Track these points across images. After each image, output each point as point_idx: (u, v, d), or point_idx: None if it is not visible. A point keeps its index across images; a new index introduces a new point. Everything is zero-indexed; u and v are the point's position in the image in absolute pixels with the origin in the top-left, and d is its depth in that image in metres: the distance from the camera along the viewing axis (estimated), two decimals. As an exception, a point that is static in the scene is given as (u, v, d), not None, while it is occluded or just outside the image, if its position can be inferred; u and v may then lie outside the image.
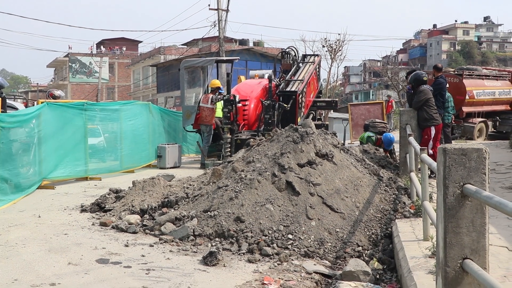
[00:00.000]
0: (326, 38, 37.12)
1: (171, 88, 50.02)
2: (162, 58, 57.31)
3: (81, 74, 75.31)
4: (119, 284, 5.18)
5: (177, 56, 52.63)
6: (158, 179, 9.33)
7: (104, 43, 79.68)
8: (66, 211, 8.85)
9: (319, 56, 20.49)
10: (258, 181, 7.49)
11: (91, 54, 76.65)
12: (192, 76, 17.57)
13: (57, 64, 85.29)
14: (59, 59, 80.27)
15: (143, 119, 15.91)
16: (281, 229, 6.77)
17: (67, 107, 12.51)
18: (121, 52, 79.10)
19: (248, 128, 15.99)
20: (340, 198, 7.49)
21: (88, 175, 12.87)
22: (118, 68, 77.35)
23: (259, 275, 5.59)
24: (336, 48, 36.99)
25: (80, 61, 75.55)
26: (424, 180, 6.05)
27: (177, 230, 7.01)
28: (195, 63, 17.42)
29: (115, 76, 77.52)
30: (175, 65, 44.97)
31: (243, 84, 17.80)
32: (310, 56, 20.15)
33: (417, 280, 4.54)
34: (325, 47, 37.01)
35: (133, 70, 70.53)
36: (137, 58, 69.45)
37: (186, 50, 54.47)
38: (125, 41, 78.47)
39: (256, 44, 53.57)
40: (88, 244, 6.67)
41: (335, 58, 37.28)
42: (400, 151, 10.10)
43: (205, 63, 17.19)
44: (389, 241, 6.72)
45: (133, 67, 69.78)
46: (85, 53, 76.89)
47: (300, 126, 8.82)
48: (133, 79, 70.49)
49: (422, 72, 11.10)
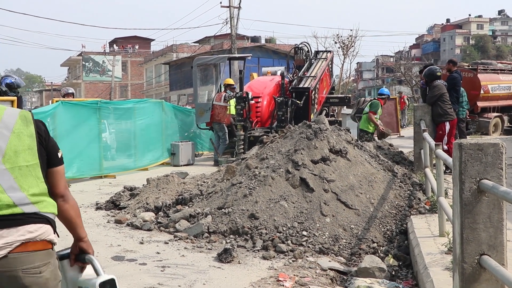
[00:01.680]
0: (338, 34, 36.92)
1: (183, 86, 50.16)
2: (174, 56, 57.51)
3: (94, 73, 75.66)
4: (134, 281, 5.21)
5: (189, 54, 52.78)
6: (172, 177, 9.36)
7: (117, 42, 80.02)
8: (81, 209, 8.85)
9: (331, 52, 20.39)
10: (272, 178, 7.49)
11: (104, 52, 77.00)
12: (204, 73, 17.57)
13: (71, 63, 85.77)
14: (72, 58, 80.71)
15: (156, 117, 15.95)
16: (296, 226, 6.77)
17: (81, 106, 12.58)
18: (134, 51, 79.39)
19: (261, 125, 15.97)
20: (355, 195, 7.47)
21: (103, 173, 12.93)
22: (131, 66, 77.64)
23: (274, 272, 5.59)
24: (349, 44, 36.79)
25: (93, 60, 75.90)
26: (440, 175, 6.01)
27: (191, 227, 7.03)
28: (208, 61, 17.42)
29: (128, 74, 77.81)
30: (187, 63, 45.09)
31: (255, 81, 17.78)
32: (322, 52, 20.05)
33: (433, 276, 4.52)
34: (338, 43, 36.81)
35: (146, 68, 70.82)
36: (150, 56, 69.71)
37: (198, 47, 54.55)
38: (137, 40, 78.73)
39: (268, 41, 53.52)
40: (104, 242, 6.71)
41: (348, 54, 37.09)
42: (415, 146, 10.04)
43: (217, 61, 17.19)
44: (404, 238, 6.69)
45: (145, 65, 70.06)
46: (98, 52, 77.25)
47: (313, 122, 8.80)
48: (146, 77, 70.77)
49: (436, 67, 11.01)
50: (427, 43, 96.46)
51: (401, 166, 9.70)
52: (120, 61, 74.15)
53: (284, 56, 38.37)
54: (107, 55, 74.40)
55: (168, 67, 56.28)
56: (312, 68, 17.55)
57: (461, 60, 59.91)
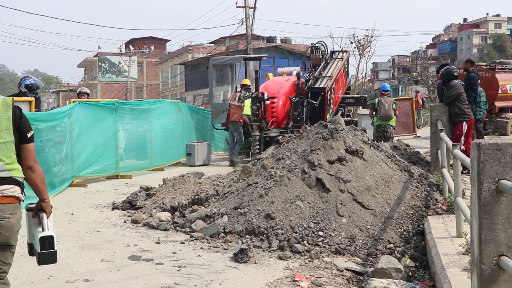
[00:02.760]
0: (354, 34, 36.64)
1: (199, 86, 50.29)
2: (190, 57, 57.65)
3: (110, 74, 76.08)
4: (151, 280, 5.23)
5: (205, 54, 52.91)
6: (188, 177, 9.38)
7: (133, 43, 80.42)
8: (98, 209, 8.96)
9: (347, 52, 20.32)
10: (288, 178, 7.48)
11: (120, 53, 77.40)
12: (220, 74, 17.61)
13: (87, 64, 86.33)
14: (89, 59, 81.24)
15: (172, 117, 16.01)
16: (312, 226, 6.75)
17: (98, 106, 12.66)
18: (150, 51, 79.72)
19: (277, 125, 15.96)
20: (371, 195, 7.44)
21: (119, 173, 13.00)
22: (146, 67, 77.97)
23: (290, 272, 5.59)
24: (365, 44, 36.60)
25: (109, 61, 76.32)
26: (457, 176, 5.97)
27: (207, 227, 7.04)
28: (223, 61, 17.46)
29: (144, 75, 78.16)
30: (203, 63, 45.21)
31: (271, 81, 17.79)
32: (338, 52, 20.00)
33: (451, 277, 4.49)
34: (353, 43, 36.62)
35: (162, 69, 71.11)
36: (165, 57, 69.95)
37: (213, 48, 54.68)
38: (153, 40, 79.08)
39: (284, 41, 53.44)
40: (120, 241, 6.74)
41: (364, 54, 36.90)
42: (431, 147, 9.97)
43: (233, 61, 17.21)
44: (421, 238, 6.66)
45: (161, 65, 70.33)
46: (114, 53, 77.67)
47: (329, 122, 8.78)
48: (162, 78, 71.05)
49: (453, 67, 10.93)
50: (444, 43, 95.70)
51: (417, 167, 9.64)
52: (136, 61, 74.50)
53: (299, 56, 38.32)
54: (123, 56, 74.82)
55: (183, 68, 56.46)
56: (328, 68, 17.52)
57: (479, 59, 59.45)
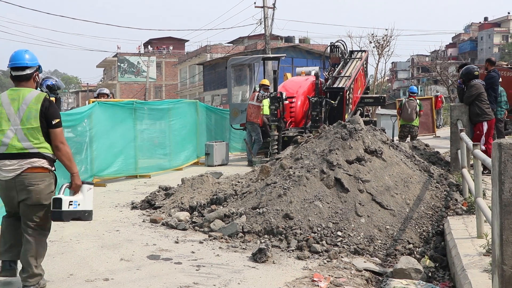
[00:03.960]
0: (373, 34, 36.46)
1: (217, 86, 50.36)
2: (208, 57, 57.78)
3: (129, 74, 76.48)
4: (170, 280, 5.25)
5: (223, 54, 52.99)
6: (207, 177, 9.40)
7: (151, 43, 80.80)
8: (117, 208, 9.02)
9: (366, 52, 20.23)
10: (307, 178, 7.47)
11: (139, 53, 77.80)
12: (239, 74, 17.65)
13: (106, 64, 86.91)
14: (108, 59, 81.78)
15: (190, 117, 16.08)
16: (330, 226, 6.74)
17: (117, 106, 12.74)
18: (168, 51, 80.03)
19: (295, 125, 15.95)
20: (390, 195, 7.40)
21: (138, 173, 13.08)
22: (165, 67, 78.30)
23: (308, 272, 5.58)
24: (384, 43, 36.40)
25: (128, 61, 76.74)
26: (477, 176, 5.91)
27: (226, 227, 7.05)
28: (242, 61, 17.49)
29: (162, 75, 78.49)
30: (221, 63, 45.26)
31: (289, 81, 17.77)
32: (357, 52, 19.93)
33: (471, 278, 4.45)
34: (372, 43, 36.44)
35: (180, 69, 71.33)
36: (184, 57, 70.18)
37: (232, 48, 54.73)
38: (172, 40, 79.38)
39: (302, 41, 53.32)
40: (139, 241, 6.78)
41: (383, 53, 36.71)
42: (451, 147, 9.88)
43: (252, 61, 17.24)
44: (441, 239, 6.61)
45: (180, 66, 70.56)
46: (133, 53, 78.10)
47: (348, 122, 8.75)
48: (180, 78, 71.27)
49: (474, 66, 10.82)
50: (464, 42, 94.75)
51: (437, 167, 9.57)
52: (155, 62, 74.83)
53: (317, 56, 38.23)
54: (142, 56, 75.19)
55: (202, 68, 56.58)
56: (347, 67, 17.46)
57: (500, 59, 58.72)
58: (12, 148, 4.80)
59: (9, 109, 4.84)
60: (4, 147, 4.81)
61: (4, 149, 4.81)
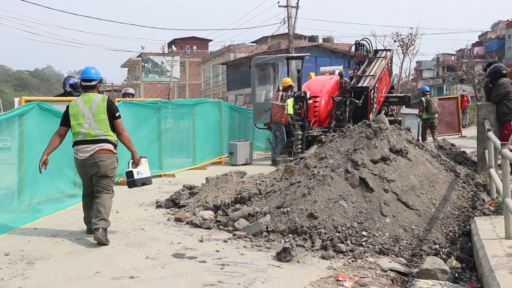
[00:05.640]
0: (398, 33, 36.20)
1: (240, 86, 50.47)
2: (232, 56, 57.92)
3: (153, 73, 77.02)
4: (195, 278, 5.27)
5: (247, 54, 53.05)
6: (231, 176, 9.41)
7: (175, 43, 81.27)
8: (142, 207, 9.08)
9: (391, 51, 20.08)
10: (331, 177, 7.43)
11: (163, 53, 78.31)
12: (262, 73, 17.64)
13: (131, 64, 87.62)
14: (132, 59, 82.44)
15: (214, 117, 16.13)
16: (355, 226, 6.70)
17: (142, 106, 12.83)
18: (192, 51, 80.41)
19: (319, 124, 15.89)
20: (415, 195, 7.33)
21: (162, 172, 13.14)
22: (189, 66, 78.69)
23: (333, 272, 5.55)
24: (408, 42, 36.11)
25: (152, 61, 77.27)
26: (506, 176, 5.83)
27: (250, 226, 7.05)
28: (266, 60, 17.48)
29: (186, 74, 78.88)
30: (244, 63, 45.36)
31: (313, 81, 17.71)
32: (382, 51, 19.79)
33: (499, 279, 4.38)
34: (397, 42, 36.16)
35: (204, 69, 71.59)
36: (208, 57, 70.42)
37: (255, 47, 54.76)
38: (195, 40, 79.74)
39: (326, 40, 53.12)
40: (164, 239, 6.82)
41: (407, 52, 36.41)
42: (478, 146, 9.76)
43: (276, 60, 17.22)
44: (467, 239, 6.52)
45: (203, 65, 70.83)
46: (157, 53, 78.64)
47: (373, 122, 8.69)
48: (204, 78, 71.55)
49: (502, 65, 10.66)
50: (491, 41, 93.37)
51: (463, 167, 9.46)
52: (179, 61, 75.24)
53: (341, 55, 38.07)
54: (166, 56, 75.66)
55: (225, 67, 56.74)
56: (371, 66, 17.34)
57: (527, 57, 57.83)
58: (88, 136, 6.64)
59: (83, 108, 6.69)
60: (82, 135, 6.65)
61: (82, 137, 6.65)
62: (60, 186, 9.31)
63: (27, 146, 8.19)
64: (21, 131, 8.08)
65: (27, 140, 8.20)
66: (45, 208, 8.43)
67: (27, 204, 8.23)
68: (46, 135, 8.78)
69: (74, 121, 6.70)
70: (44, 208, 8.38)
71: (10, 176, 8.13)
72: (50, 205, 8.61)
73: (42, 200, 8.66)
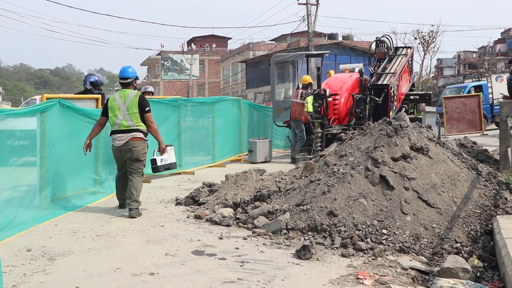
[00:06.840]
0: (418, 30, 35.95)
1: (260, 83, 50.49)
2: (251, 54, 57.98)
3: (172, 72, 77.34)
4: (214, 275, 5.28)
5: (266, 52, 53.05)
6: (250, 173, 9.41)
7: (194, 41, 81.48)
8: (162, 204, 9.12)
9: (411, 48, 19.92)
10: (351, 175, 7.39)
11: (183, 51, 78.55)
12: (282, 71, 17.61)
13: (150, 62, 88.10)
14: (152, 57, 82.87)
15: (234, 114, 16.14)
16: (375, 224, 6.65)
17: (162, 103, 12.87)
18: (211, 49, 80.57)
19: (339, 122, 15.84)
20: (436, 193, 7.26)
21: (182, 170, 13.19)
22: (208, 65, 78.89)
23: (353, 270, 5.52)
24: (429, 40, 35.86)
25: (171, 59, 77.58)
26: (529, 174, 5.75)
27: (269, 223, 7.05)
28: (286, 58, 17.45)
29: (205, 72, 79.10)
30: (264, 61, 45.34)
31: (333, 78, 17.65)
32: (402, 48, 19.65)
33: (522, 278, 4.33)
34: (417, 39, 35.95)
35: (223, 67, 71.77)
36: (227, 55, 70.57)
37: (274, 45, 54.76)
38: (215, 38, 79.91)
39: (345, 38, 52.90)
40: (184, 236, 6.84)
41: (428, 50, 36.16)
42: (501, 144, 9.66)
43: (295, 58, 17.19)
44: (489, 238, 6.44)
45: (222, 63, 71.01)
46: (177, 51, 78.90)
47: (393, 119, 8.63)
48: (223, 76, 71.73)
49: (525, 62, 10.54)
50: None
51: (485, 165, 9.36)
52: (198, 59, 75.44)
53: (361, 53, 37.88)
54: (185, 54, 75.88)
55: (244, 65, 56.80)
56: (392, 64, 17.23)
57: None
58: (122, 126, 7.96)
59: (119, 102, 8.01)
60: (117, 126, 7.99)
61: (117, 127, 7.98)
62: (80, 184, 9.39)
63: (48, 143, 8.26)
64: (43, 128, 8.15)
65: (49, 137, 8.27)
66: (66, 205, 8.51)
67: (49, 201, 8.31)
68: (68, 132, 8.89)
69: (111, 113, 8.00)
70: (65, 205, 8.46)
71: (32, 173, 8.21)
72: (71, 202, 8.69)
73: (63, 197, 8.75)
